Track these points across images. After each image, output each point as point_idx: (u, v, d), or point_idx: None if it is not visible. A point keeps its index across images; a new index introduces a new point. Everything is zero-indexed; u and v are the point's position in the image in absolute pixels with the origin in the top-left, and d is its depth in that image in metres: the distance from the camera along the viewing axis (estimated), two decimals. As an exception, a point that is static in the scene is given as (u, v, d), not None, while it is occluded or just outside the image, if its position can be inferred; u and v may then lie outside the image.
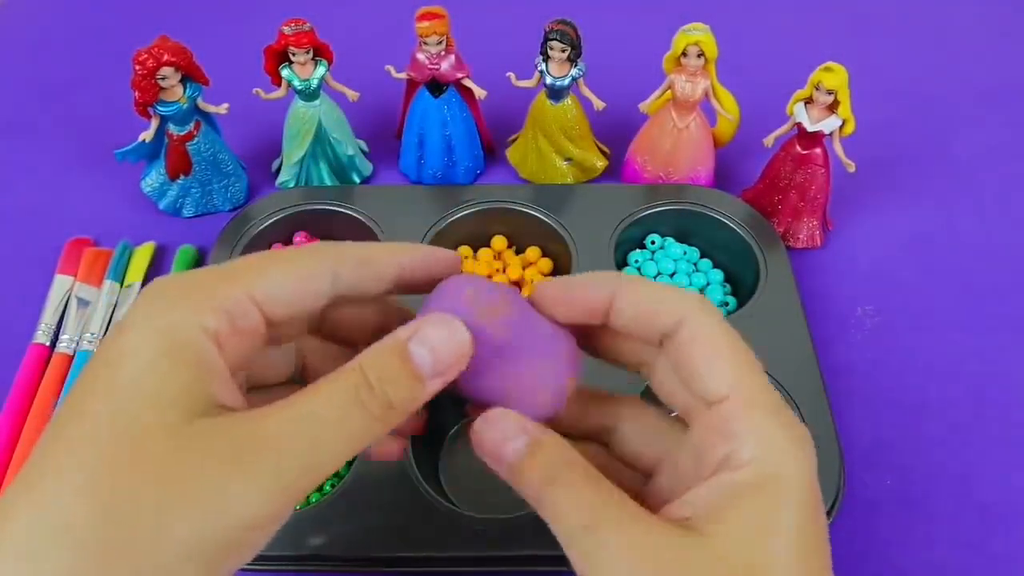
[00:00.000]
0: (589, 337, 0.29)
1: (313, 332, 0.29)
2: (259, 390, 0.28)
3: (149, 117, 0.54)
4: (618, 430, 0.29)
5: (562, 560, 0.42)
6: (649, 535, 0.23)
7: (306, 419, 0.22)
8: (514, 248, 0.57)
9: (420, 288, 0.28)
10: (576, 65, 0.55)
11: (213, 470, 0.21)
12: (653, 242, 0.56)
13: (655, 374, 0.28)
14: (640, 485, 0.28)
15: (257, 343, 0.24)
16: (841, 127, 0.52)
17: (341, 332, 0.30)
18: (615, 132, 0.63)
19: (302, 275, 0.25)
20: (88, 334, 0.51)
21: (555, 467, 0.24)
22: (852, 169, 0.54)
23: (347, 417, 0.23)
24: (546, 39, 0.54)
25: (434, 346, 0.24)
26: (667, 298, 0.26)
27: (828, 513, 0.42)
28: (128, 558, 0.20)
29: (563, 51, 0.54)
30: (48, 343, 0.51)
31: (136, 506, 0.20)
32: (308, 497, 0.46)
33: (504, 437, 0.25)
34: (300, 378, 0.30)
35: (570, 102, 0.58)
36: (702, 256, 0.57)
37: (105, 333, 0.52)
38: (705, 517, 0.23)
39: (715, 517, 0.23)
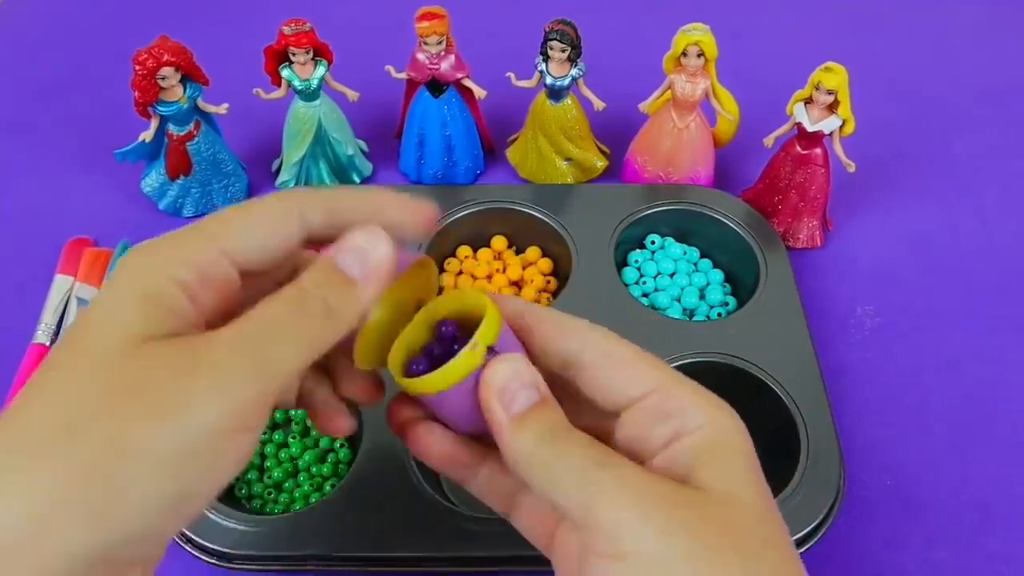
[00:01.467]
0: None
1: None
2: None
3: (149, 117, 0.54)
4: None
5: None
6: (652, 476, 0.25)
7: (255, 324, 0.24)
8: (514, 248, 0.57)
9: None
10: (576, 65, 0.55)
11: (173, 379, 0.22)
12: (653, 242, 0.56)
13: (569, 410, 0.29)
14: None
15: (232, 292, 0.25)
16: (841, 127, 0.52)
17: None
18: (615, 132, 0.63)
19: (267, 221, 0.26)
20: (88, 334, 0.51)
21: (557, 427, 0.26)
22: (852, 169, 0.54)
23: (291, 319, 0.24)
24: (546, 39, 0.54)
25: (359, 252, 0.26)
26: (569, 325, 0.28)
27: (828, 513, 0.42)
28: (93, 472, 0.21)
29: (563, 51, 0.54)
30: (48, 343, 0.51)
31: (97, 418, 0.21)
32: (308, 497, 0.46)
33: (518, 384, 0.26)
34: None
35: (570, 102, 0.58)
36: (702, 256, 0.57)
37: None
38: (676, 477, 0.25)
39: (685, 477, 0.25)
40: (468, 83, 0.57)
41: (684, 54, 0.53)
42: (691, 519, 0.23)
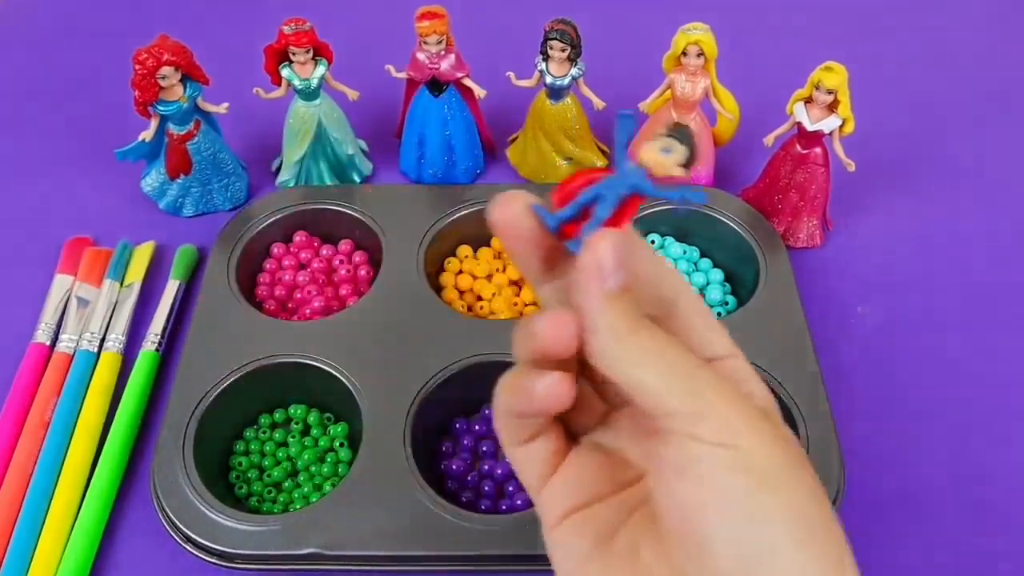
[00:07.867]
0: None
1: None
2: None
3: (149, 116, 0.54)
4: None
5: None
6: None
7: None
8: (514, 248, 0.57)
9: None
10: (576, 65, 0.55)
11: None
12: (653, 242, 0.56)
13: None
14: None
15: None
16: (841, 126, 0.52)
17: None
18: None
19: None
20: (88, 333, 0.51)
21: (640, 318, 0.25)
22: (852, 168, 0.54)
23: None
24: (546, 39, 0.54)
25: None
26: (668, 273, 0.30)
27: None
28: None
29: (563, 50, 0.54)
30: (48, 342, 0.51)
31: None
32: (308, 497, 0.46)
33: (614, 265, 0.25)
34: None
35: (570, 101, 0.58)
36: (702, 256, 0.57)
37: (105, 332, 0.52)
38: None
39: None
40: (468, 82, 0.57)
41: (684, 53, 0.53)
42: (778, 435, 0.24)
